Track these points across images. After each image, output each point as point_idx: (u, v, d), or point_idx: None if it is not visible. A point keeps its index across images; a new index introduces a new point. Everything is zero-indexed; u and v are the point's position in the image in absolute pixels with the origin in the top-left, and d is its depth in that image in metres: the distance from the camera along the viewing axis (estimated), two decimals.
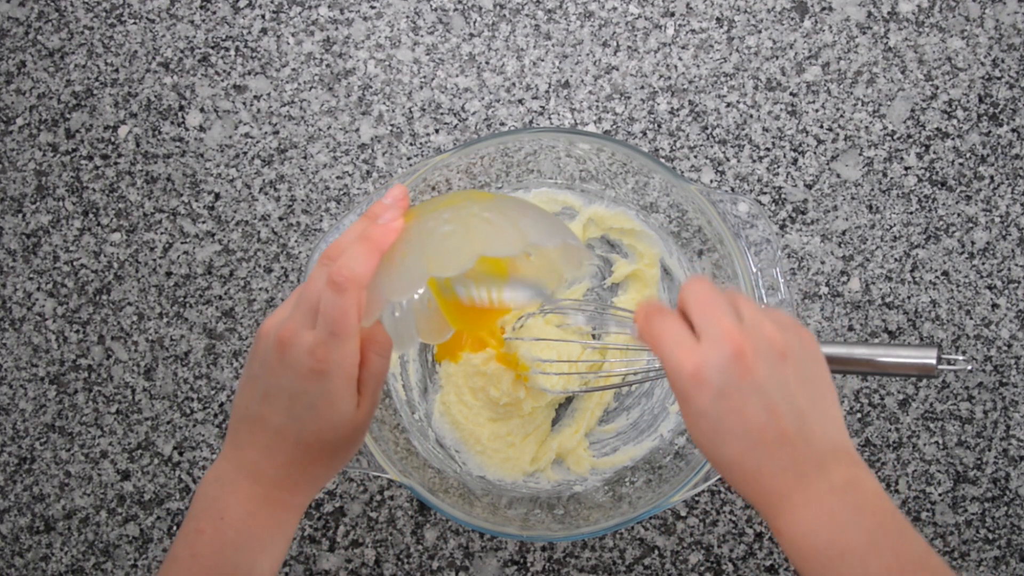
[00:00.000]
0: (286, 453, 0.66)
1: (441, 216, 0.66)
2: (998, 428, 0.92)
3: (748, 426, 0.59)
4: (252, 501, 0.66)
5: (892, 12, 0.94)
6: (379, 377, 0.67)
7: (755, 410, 0.59)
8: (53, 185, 0.97)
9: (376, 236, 0.64)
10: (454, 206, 0.67)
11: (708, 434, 0.60)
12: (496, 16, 0.96)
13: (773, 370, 0.59)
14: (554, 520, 0.84)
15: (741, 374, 0.59)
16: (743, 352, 0.59)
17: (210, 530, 0.65)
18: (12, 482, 0.96)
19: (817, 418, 0.60)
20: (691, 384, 0.59)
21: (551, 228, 0.68)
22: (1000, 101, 0.94)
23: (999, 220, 0.93)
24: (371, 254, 0.63)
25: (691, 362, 0.59)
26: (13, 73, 0.98)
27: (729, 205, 0.82)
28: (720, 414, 0.59)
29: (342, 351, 0.63)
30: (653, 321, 0.63)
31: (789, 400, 0.59)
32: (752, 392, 0.59)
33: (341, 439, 0.66)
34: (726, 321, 0.60)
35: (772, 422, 0.59)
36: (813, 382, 0.61)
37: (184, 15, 0.97)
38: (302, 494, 0.68)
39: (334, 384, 0.64)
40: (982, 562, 0.91)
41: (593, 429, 0.91)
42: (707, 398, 0.59)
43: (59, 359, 0.96)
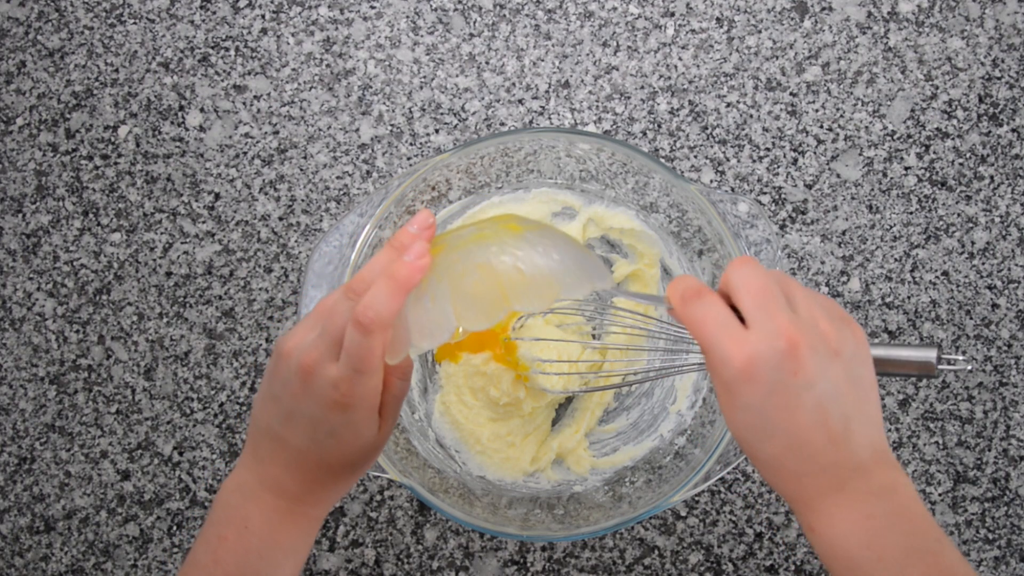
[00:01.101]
0: (308, 472, 0.66)
1: (471, 257, 0.64)
2: (998, 428, 0.92)
3: (795, 426, 0.57)
4: (275, 512, 0.66)
5: (892, 12, 0.94)
6: (400, 399, 0.67)
7: (804, 410, 0.57)
8: (53, 185, 0.97)
9: (402, 276, 0.61)
10: (484, 243, 0.64)
11: (752, 430, 0.58)
12: (496, 16, 0.96)
13: (825, 369, 0.58)
14: (554, 520, 0.84)
15: (794, 371, 0.57)
16: (798, 348, 0.57)
17: (233, 537, 0.66)
18: (12, 482, 0.96)
19: (861, 421, 0.59)
20: (741, 377, 0.57)
21: (581, 271, 0.65)
22: (1000, 101, 0.94)
23: (999, 220, 0.93)
24: (397, 294, 0.61)
25: (742, 354, 0.57)
26: (13, 73, 0.98)
27: (729, 205, 0.82)
28: (767, 411, 0.57)
29: (366, 386, 0.63)
30: (694, 304, 0.60)
31: (838, 401, 0.58)
32: (804, 389, 0.57)
33: (362, 459, 0.67)
34: (782, 316, 0.58)
35: (819, 423, 0.58)
36: (861, 383, 0.59)
37: (184, 15, 0.97)
38: (323, 506, 0.68)
39: (358, 415, 0.64)
40: (982, 562, 0.91)
41: (593, 429, 0.91)
42: (757, 394, 0.57)
43: (59, 359, 0.96)
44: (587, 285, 0.65)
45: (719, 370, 0.58)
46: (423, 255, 0.62)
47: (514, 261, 0.64)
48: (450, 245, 0.65)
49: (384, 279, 0.61)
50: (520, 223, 0.66)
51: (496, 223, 0.66)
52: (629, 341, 0.88)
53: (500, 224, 0.66)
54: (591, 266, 0.66)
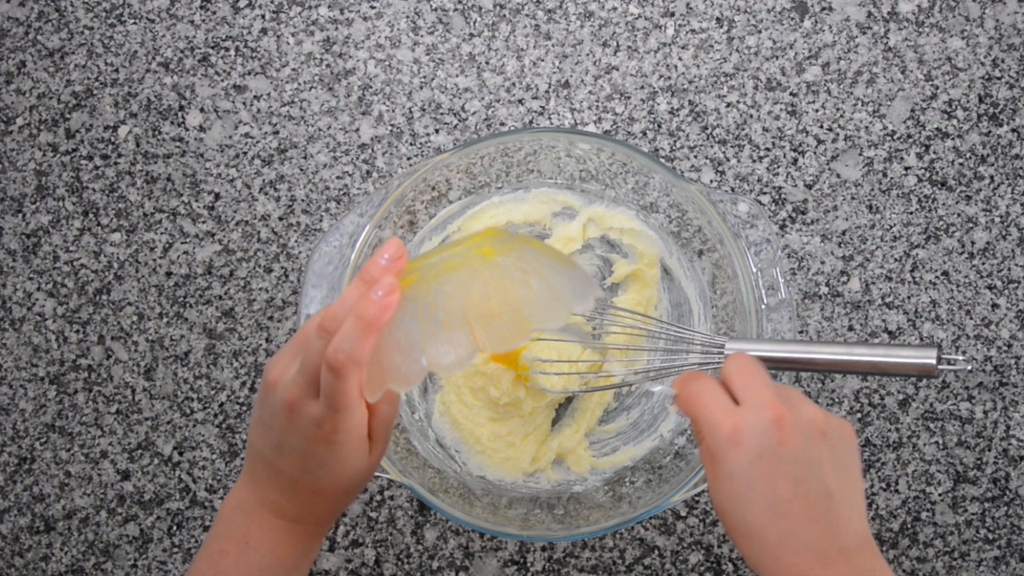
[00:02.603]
0: (303, 496, 0.67)
1: (442, 293, 0.61)
2: (998, 428, 0.92)
3: (776, 495, 0.59)
4: (276, 531, 0.67)
5: (892, 12, 0.94)
6: (389, 422, 0.67)
7: (786, 480, 0.59)
8: (53, 185, 0.97)
9: (370, 315, 0.60)
10: (455, 272, 0.62)
11: (734, 497, 0.60)
12: (496, 16, 0.96)
13: (809, 445, 0.60)
14: (554, 520, 0.84)
15: (779, 440, 0.59)
16: (783, 420, 0.60)
17: (235, 552, 0.67)
18: (12, 482, 0.96)
19: (844, 504, 0.60)
20: (727, 443, 0.60)
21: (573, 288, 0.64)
22: (1000, 101, 0.94)
23: (999, 220, 0.93)
24: (366, 334, 0.60)
25: (730, 422, 0.60)
26: (13, 73, 0.98)
27: (729, 205, 0.82)
28: (751, 478, 0.59)
29: (348, 423, 0.63)
30: (693, 382, 0.64)
31: (820, 478, 0.60)
32: (787, 461, 0.59)
33: (358, 481, 0.67)
34: (768, 392, 0.61)
35: (800, 496, 0.59)
36: (845, 469, 0.61)
37: (184, 15, 0.97)
38: (323, 524, 0.69)
39: (345, 449, 0.64)
40: (982, 562, 0.91)
41: (593, 429, 0.91)
42: (742, 459, 0.59)
43: (59, 359, 0.96)
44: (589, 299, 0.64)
45: (707, 438, 0.61)
46: (391, 291, 0.60)
47: (523, 276, 0.62)
48: (421, 275, 0.63)
49: (352, 319, 0.60)
50: (495, 244, 0.64)
51: (469, 247, 0.64)
52: (629, 341, 0.88)
53: (473, 249, 0.64)
54: (580, 281, 0.65)
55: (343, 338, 0.60)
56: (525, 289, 0.62)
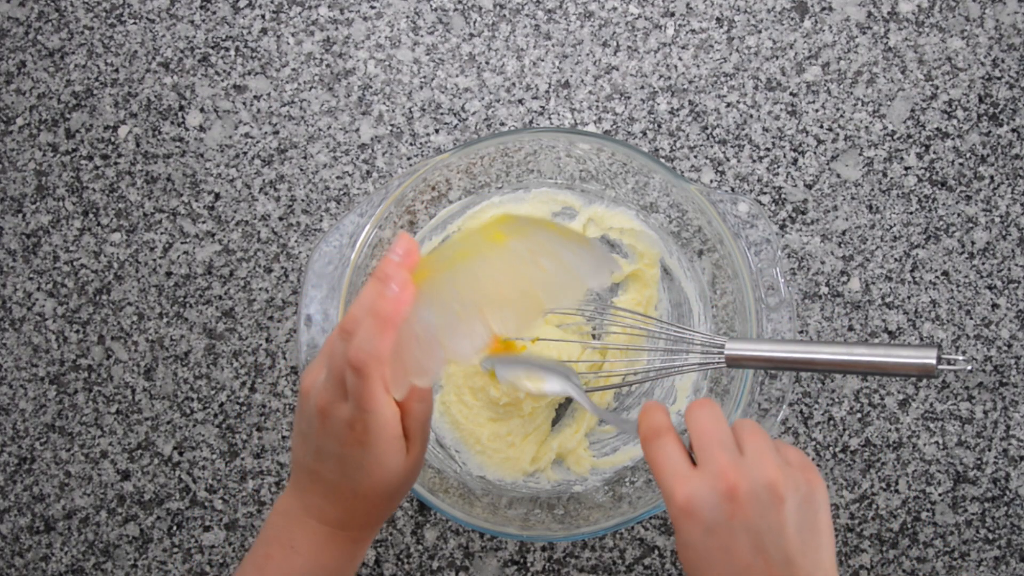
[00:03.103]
0: (345, 502, 0.67)
1: (455, 283, 0.62)
2: (998, 428, 0.92)
3: (734, 565, 0.59)
4: (320, 536, 0.68)
5: (892, 12, 0.94)
6: (424, 421, 0.66)
7: (742, 550, 0.59)
8: (53, 185, 0.97)
9: (386, 312, 0.61)
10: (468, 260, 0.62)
11: (695, 566, 0.60)
12: (496, 16, 0.96)
13: (766, 513, 0.59)
14: (554, 520, 0.84)
15: (731, 513, 0.58)
16: (736, 491, 0.59)
17: (279, 557, 0.67)
18: (12, 482, 0.96)
19: (808, 566, 0.59)
20: (680, 515, 0.59)
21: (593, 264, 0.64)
22: (1000, 101, 0.94)
23: (999, 220, 0.93)
24: (384, 332, 0.61)
25: (682, 493, 0.59)
26: (13, 73, 0.98)
27: (729, 205, 0.82)
28: (707, 549, 0.59)
29: (378, 422, 0.63)
30: (653, 443, 0.63)
31: (780, 545, 0.59)
32: (741, 531, 0.58)
33: (398, 484, 0.67)
34: (723, 456, 0.60)
35: (760, 563, 0.58)
36: (809, 530, 0.60)
37: (184, 15, 0.97)
38: (368, 530, 0.69)
39: (379, 449, 0.64)
40: (982, 562, 0.91)
41: (593, 429, 0.91)
42: (696, 531, 0.59)
43: (59, 359, 0.96)
44: (605, 275, 0.64)
45: (666, 501, 0.61)
46: (405, 286, 0.61)
47: (534, 258, 0.62)
48: (435, 267, 0.63)
49: (370, 317, 0.61)
50: (507, 229, 0.64)
51: (480, 234, 0.64)
52: (629, 341, 0.88)
53: (484, 236, 0.64)
54: (595, 258, 0.65)
55: (362, 337, 0.61)
56: (537, 270, 0.63)
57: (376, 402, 0.62)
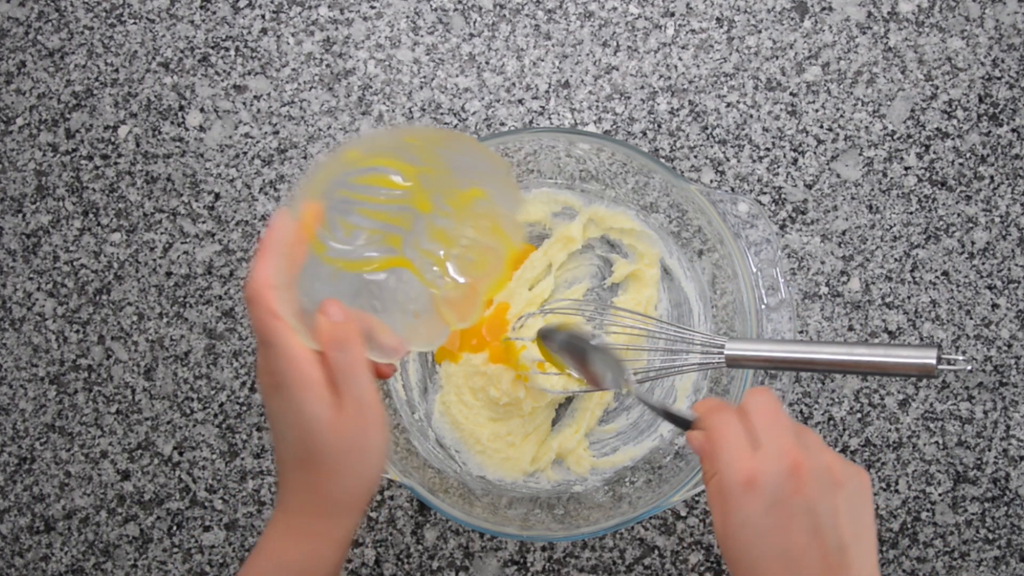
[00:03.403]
0: (292, 476, 0.65)
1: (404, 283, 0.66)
2: (998, 428, 0.92)
3: (791, 545, 0.58)
4: (284, 532, 0.66)
5: (892, 12, 0.94)
6: (350, 373, 0.63)
7: (800, 530, 0.59)
8: (53, 185, 0.97)
9: (265, 239, 0.63)
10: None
11: (747, 546, 0.59)
12: (496, 16, 0.96)
13: (825, 495, 0.59)
14: (554, 520, 0.84)
15: (795, 490, 0.59)
16: (800, 469, 0.59)
17: (252, 564, 0.66)
18: (12, 482, 0.96)
19: (857, 556, 0.59)
20: (741, 490, 0.59)
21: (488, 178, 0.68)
22: (1000, 101, 0.94)
23: (999, 220, 0.93)
24: (261, 256, 0.62)
25: (747, 467, 0.59)
26: (13, 73, 0.98)
27: (729, 205, 0.82)
28: (765, 527, 0.59)
29: (282, 358, 0.62)
30: (715, 415, 0.63)
31: (835, 529, 0.59)
32: (801, 511, 0.59)
33: (328, 446, 0.63)
34: (788, 437, 0.60)
35: (815, 546, 0.59)
36: (860, 520, 0.61)
37: (184, 15, 0.97)
38: (329, 520, 0.66)
39: (291, 392, 0.62)
40: (982, 562, 0.91)
41: (593, 429, 0.91)
42: (756, 507, 0.59)
43: (59, 359, 0.96)
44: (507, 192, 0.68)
45: (724, 474, 0.60)
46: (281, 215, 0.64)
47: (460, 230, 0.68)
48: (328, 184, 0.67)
49: (258, 248, 0.63)
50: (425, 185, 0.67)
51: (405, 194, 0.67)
52: (629, 341, 0.88)
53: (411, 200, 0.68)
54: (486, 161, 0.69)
55: (249, 267, 0.62)
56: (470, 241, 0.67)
57: (271, 332, 0.61)
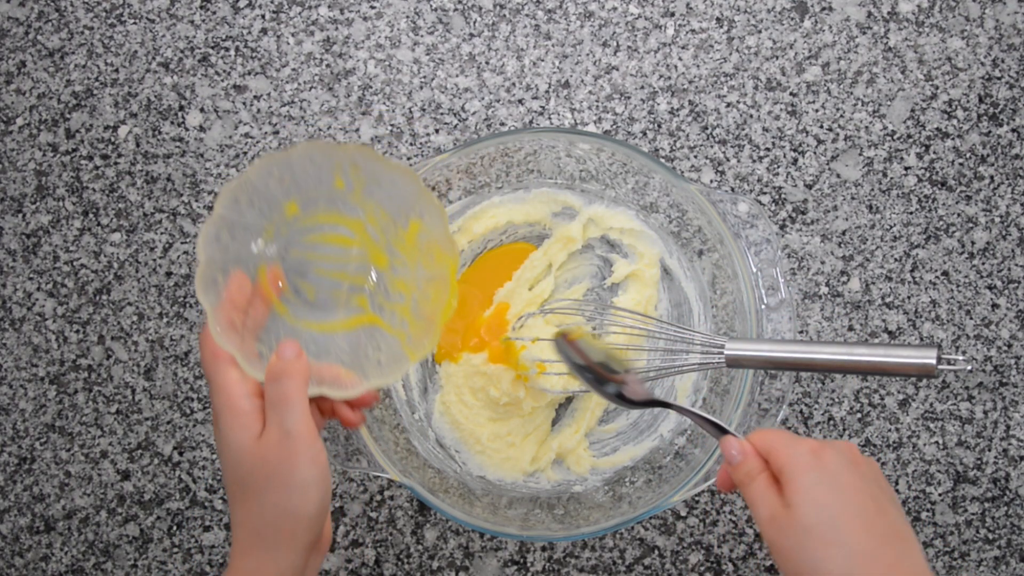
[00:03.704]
0: (231, 511, 0.65)
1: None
2: (998, 428, 0.92)
3: (865, 505, 0.60)
4: (230, 570, 0.64)
5: (892, 12, 0.94)
6: (280, 404, 0.63)
7: (868, 495, 0.61)
8: (53, 185, 0.97)
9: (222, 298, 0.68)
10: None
11: (823, 505, 0.60)
12: (496, 16, 0.96)
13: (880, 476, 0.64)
14: (554, 520, 0.84)
15: (855, 464, 0.63)
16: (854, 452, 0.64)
17: None
18: (12, 482, 0.96)
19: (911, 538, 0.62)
20: (811, 456, 0.61)
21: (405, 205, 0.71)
22: (1000, 101, 0.94)
23: (999, 220, 0.93)
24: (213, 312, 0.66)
25: (810, 443, 0.62)
26: (13, 73, 0.98)
27: (729, 205, 0.82)
28: (842, 485, 0.60)
29: (217, 392, 0.65)
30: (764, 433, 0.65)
31: (894, 504, 0.63)
32: (870, 479, 0.62)
33: (250, 473, 0.63)
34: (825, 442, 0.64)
35: (881, 513, 0.61)
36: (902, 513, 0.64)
37: (184, 15, 0.97)
38: (263, 554, 0.63)
39: (221, 421, 0.64)
40: (982, 562, 0.91)
41: (593, 429, 0.91)
42: (830, 467, 0.61)
43: (59, 359, 0.96)
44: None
45: (789, 451, 0.62)
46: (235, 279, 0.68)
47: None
48: None
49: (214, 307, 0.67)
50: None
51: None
52: (629, 341, 0.88)
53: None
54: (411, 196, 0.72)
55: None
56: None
57: (212, 370, 0.64)
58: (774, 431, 0.65)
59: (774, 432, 0.64)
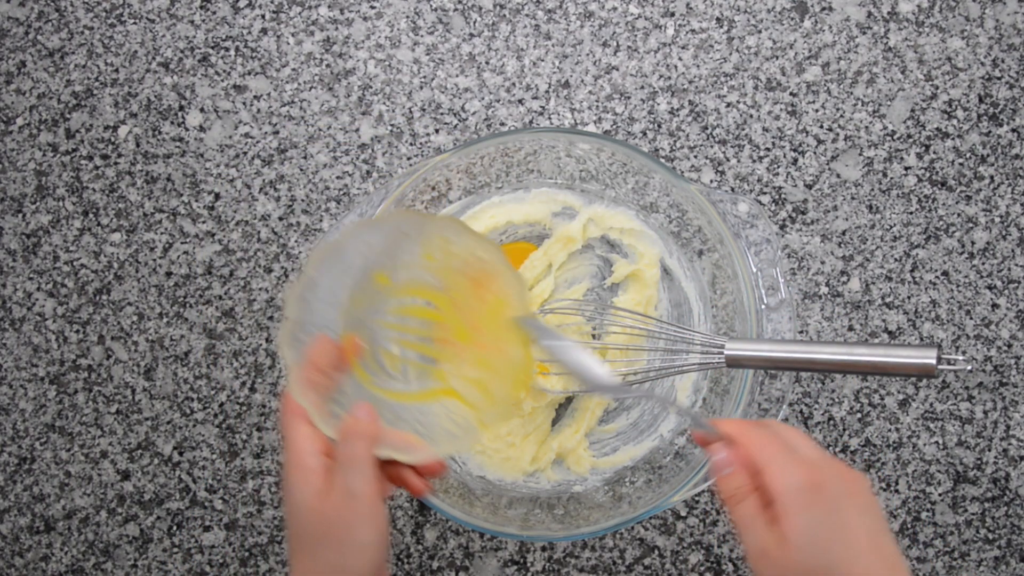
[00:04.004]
0: (290, 561, 0.66)
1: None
2: (998, 428, 0.92)
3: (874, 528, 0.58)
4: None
5: (892, 12, 0.94)
6: (346, 464, 0.64)
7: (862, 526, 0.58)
8: (53, 185, 0.97)
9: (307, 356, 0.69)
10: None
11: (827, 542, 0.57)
12: (496, 16, 0.96)
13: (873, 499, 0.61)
14: (554, 520, 0.84)
15: (854, 491, 0.59)
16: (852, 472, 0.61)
17: None
18: (12, 482, 0.96)
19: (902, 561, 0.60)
20: (808, 490, 0.58)
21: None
22: (1000, 101, 0.94)
23: (999, 220, 0.93)
24: (295, 370, 0.68)
25: (805, 470, 0.59)
26: (13, 73, 0.98)
27: (729, 205, 0.82)
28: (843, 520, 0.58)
29: (288, 448, 0.66)
30: (751, 430, 0.62)
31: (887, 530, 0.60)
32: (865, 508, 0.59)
33: (306, 529, 0.64)
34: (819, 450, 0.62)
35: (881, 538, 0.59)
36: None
37: (184, 15, 0.97)
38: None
39: (288, 476, 0.65)
40: (982, 562, 0.91)
41: (593, 429, 0.91)
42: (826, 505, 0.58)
43: (59, 359, 0.96)
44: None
45: (782, 480, 0.58)
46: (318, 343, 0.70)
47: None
48: None
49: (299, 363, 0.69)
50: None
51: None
52: (629, 341, 0.88)
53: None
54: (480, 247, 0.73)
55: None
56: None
57: (285, 427, 0.66)
58: (764, 435, 0.61)
59: (766, 438, 0.61)
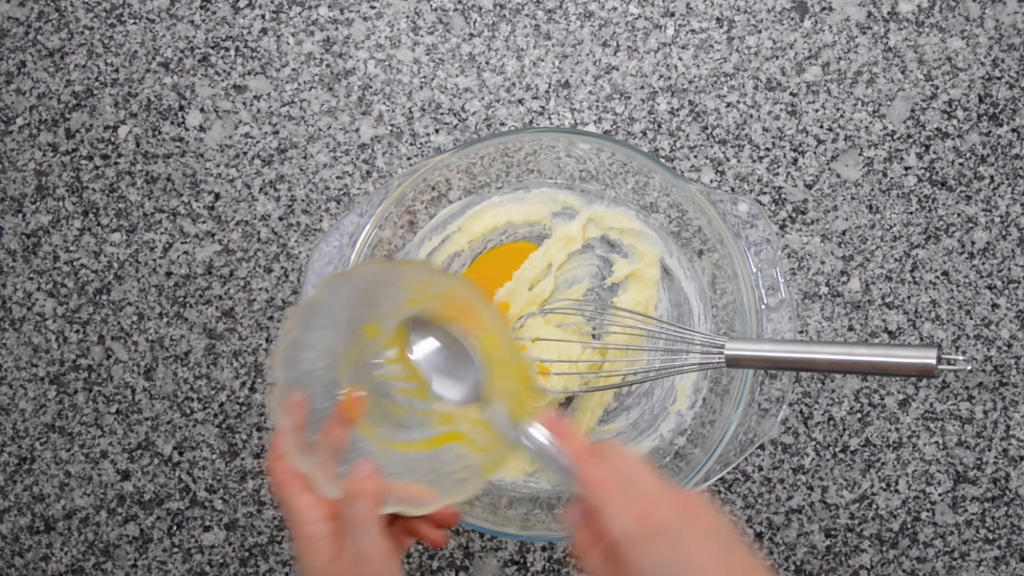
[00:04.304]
0: None
1: None
2: (998, 428, 0.92)
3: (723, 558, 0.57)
4: None
5: (892, 12, 0.94)
6: (353, 526, 0.64)
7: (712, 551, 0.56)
8: (53, 185, 0.97)
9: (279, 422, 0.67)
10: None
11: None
12: (496, 16, 0.96)
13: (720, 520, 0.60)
14: (554, 520, 0.84)
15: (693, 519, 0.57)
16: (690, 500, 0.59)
17: None
18: (12, 482, 0.96)
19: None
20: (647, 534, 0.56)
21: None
22: (1000, 101, 0.94)
23: (999, 220, 0.93)
24: (277, 436, 0.66)
25: (639, 511, 0.57)
26: (13, 73, 0.98)
27: (729, 205, 0.82)
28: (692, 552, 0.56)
29: (289, 518, 0.65)
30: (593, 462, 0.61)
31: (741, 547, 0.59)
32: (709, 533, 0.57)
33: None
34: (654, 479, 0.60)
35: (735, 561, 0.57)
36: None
37: (184, 15, 0.97)
38: None
39: (296, 545, 0.65)
40: (982, 562, 0.91)
41: (593, 429, 0.91)
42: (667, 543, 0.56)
43: (59, 359, 0.96)
44: None
45: (619, 525, 0.57)
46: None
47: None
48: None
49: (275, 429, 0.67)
50: None
51: None
52: (629, 341, 0.88)
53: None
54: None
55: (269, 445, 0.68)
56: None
57: (282, 496, 0.65)
58: (601, 470, 0.60)
59: (603, 473, 0.59)
